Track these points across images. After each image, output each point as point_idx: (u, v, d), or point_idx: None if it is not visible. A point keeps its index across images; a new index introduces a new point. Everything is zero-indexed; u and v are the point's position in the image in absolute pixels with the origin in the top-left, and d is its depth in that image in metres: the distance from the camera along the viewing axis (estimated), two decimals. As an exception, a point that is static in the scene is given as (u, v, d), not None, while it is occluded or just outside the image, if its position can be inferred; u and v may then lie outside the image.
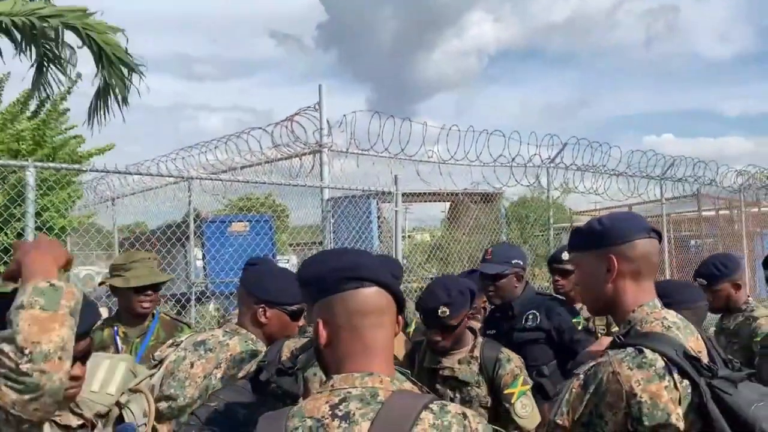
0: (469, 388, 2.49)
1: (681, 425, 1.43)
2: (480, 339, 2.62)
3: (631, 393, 1.44)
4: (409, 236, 11.26)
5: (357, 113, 6.61)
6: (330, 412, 1.22)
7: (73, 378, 1.40)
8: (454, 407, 1.25)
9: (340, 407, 1.22)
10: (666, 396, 1.44)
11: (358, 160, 6.78)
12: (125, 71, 6.50)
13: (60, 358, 1.31)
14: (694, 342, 1.56)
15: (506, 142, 7.52)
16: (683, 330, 1.57)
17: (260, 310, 2.14)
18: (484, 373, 2.50)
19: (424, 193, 7.70)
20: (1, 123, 6.10)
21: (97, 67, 6.49)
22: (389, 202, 6.32)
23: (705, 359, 1.53)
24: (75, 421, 1.58)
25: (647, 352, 1.48)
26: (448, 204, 9.11)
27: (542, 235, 8.23)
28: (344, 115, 6.62)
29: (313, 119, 6.60)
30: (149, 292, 3.10)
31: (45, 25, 6.06)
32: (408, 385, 1.70)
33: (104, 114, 6.59)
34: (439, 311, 2.43)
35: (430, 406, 1.23)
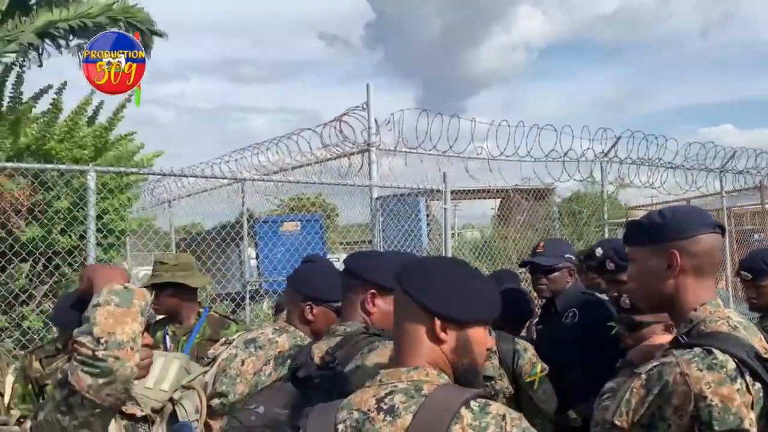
0: (493, 382, 2.55)
1: (754, 431, 1.38)
2: (493, 333, 2.64)
3: (701, 396, 1.38)
4: (458, 234, 11.19)
5: (405, 111, 6.63)
6: (376, 405, 1.26)
7: (145, 345, 1.51)
8: (496, 408, 1.24)
9: (386, 400, 1.26)
10: (738, 400, 1.38)
11: (407, 158, 6.79)
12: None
13: (132, 348, 1.40)
14: (758, 343, 1.50)
15: (558, 137, 7.40)
16: (749, 330, 1.51)
17: (307, 307, 2.17)
18: (503, 365, 2.56)
19: (474, 190, 7.64)
20: (66, 131, 6.36)
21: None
22: (438, 199, 6.30)
23: None
24: (139, 412, 1.69)
25: (717, 353, 1.42)
26: (498, 201, 9.02)
27: (597, 231, 8.04)
28: (392, 114, 6.64)
29: (361, 119, 6.63)
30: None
31: (94, 23, 6.36)
32: None
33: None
34: None
35: (472, 404, 1.23)
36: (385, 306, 1.79)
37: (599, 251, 3.21)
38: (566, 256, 3.07)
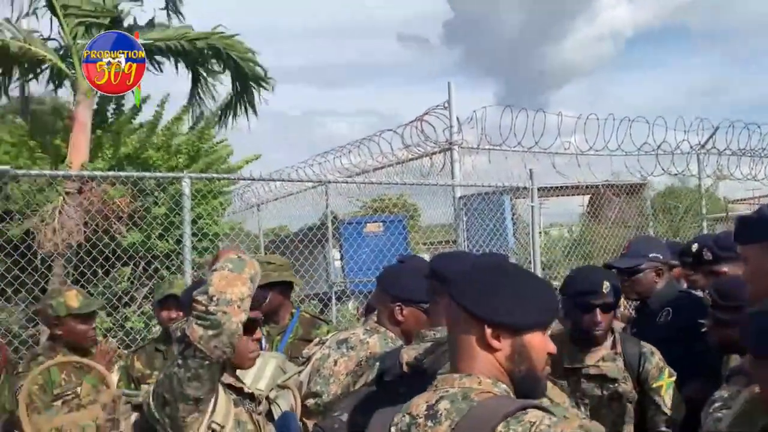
0: (616, 384, 2.44)
1: None
2: (617, 335, 2.55)
3: None
4: (545, 232, 10.91)
5: (487, 108, 6.53)
6: (425, 412, 1.25)
7: (256, 340, 1.73)
8: (530, 416, 1.17)
9: (434, 407, 1.24)
10: None
11: (490, 155, 6.68)
12: (256, 85, 7.09)
13: (239, 307, 1.60)
14: None
15: (650, 129, 7.10)
16: None
17: (396, 308, 2.16)
18: (629, 368, 2.46)
19: (561, 187, 7.40)
20: (164, 140, 6.69)
21: (233, 82, 7.11)
22: (524, 197, 6.16)
23: None
24: (246, 388, 1.86)
25: None
26: (587, 197, 8.73)
27: (695, 227, 7.64)
28: (474, 111, 6.56)
29: (442, 117, 6.60)
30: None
31: (193, 48, 6.61)
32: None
33: (233, 122, 7.28)
34: (604, 287, 2.40)
35: (510, 419, 1.16)
36: None
37: (695, 246, 3.08)
38: (651, 255, 2.92)
